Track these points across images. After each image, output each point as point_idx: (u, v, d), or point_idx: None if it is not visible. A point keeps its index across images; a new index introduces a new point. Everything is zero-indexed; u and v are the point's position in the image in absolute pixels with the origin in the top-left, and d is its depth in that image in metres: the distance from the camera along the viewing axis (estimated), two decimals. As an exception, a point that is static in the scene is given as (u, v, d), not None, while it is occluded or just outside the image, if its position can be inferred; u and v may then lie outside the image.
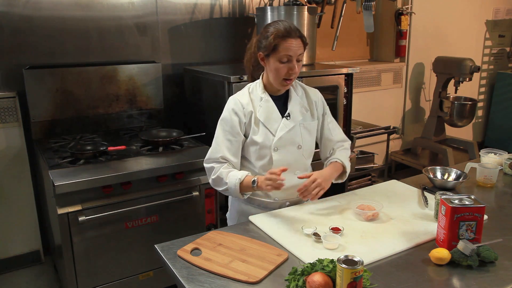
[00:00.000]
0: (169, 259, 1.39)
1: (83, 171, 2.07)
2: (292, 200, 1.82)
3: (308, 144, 1.82)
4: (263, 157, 1.76)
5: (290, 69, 1.66)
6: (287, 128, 1.75)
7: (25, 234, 2.78)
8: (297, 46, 1.65)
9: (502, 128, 5.04)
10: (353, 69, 2.92)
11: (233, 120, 1.74)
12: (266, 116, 1.75)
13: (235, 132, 1.74)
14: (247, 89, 1.81)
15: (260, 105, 1.75)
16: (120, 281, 2.21)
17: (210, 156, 1.78)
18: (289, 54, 1.65)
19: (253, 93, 1.78)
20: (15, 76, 2.57)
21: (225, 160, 1.75)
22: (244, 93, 1.79)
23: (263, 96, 1.76)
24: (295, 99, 1.80)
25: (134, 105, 2.90)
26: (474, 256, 1.31)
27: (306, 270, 1.20)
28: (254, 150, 1.77)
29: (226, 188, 1.72)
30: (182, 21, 3.05)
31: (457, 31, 4.68)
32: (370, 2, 3.07)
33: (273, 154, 1.75)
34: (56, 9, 2.63)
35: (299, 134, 1.78)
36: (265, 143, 1.74)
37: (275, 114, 1.76)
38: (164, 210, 2.24)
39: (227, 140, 1.75)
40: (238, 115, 1.74)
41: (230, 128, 1.74)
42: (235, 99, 1.77)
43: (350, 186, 3.48)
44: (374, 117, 4.06)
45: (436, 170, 2.03)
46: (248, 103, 1.75)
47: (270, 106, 1.76)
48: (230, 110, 1.75)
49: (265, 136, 1.74)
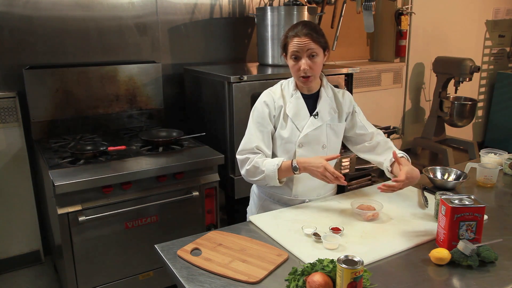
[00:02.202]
0: (169, 259, 1.39)
1: (83, 171, 2.07)
2: (312, 198, 1.84)
3: (333, 145, 1.85)
4: (288, 152, 1.80)
5: (299, 66, 1.70)
6: (314, 126, 1.78)
7: (25, 234, 2.78)
8: (303, 43, 1.68)
9: (502, 128, 5.04)
10: (353, 69, 2.92)
11: (264, 111, 1.79)
12: (294, 112, 1.78)
13: (265, 123, 1.79)
14: (280, 85, 1.85)
15: (290, 101, 1.79)
16: (120, 281, 2.21)
17: (244, 147, 1.80)
18: (295, 50, 1.69)
19: (285, 90, 1.83)
20: (15, 76, 2.57)
21: (259, 150, 1.78)
22: (277, 88, 1.84)
23: (294, 93, 1.80)
24: (324, 100, 1.83)
25: (134, 105, 2.90)
26: (474, 256, 1.31)
27: (306, 270, 1.20)
28: (279, 144, 1.81)
29: (263, 176, 1.73)
30: (182, 21, 3.05)
31: (457, 31, 4.68)
32: (370, 2, 3.07)
33: (297, 150, 1.78)
34: (56, 9, 2.63)
35: (325, 134, 1.81)
36: (290, 138, 1.78)
37: (304, 112, 1.79)
38: (164, 210, 2.24)
39: (259, 131, 1.79)
40: (269, 107, 1.79)
41: (261, 119, 1.79)
42: (268, 92, 1.83)
43: (350, 186, 3.48)
44: (374, 117, 4.05)
45: (436, 170, 2.03)
46: (279, 97, 1.80)
47: (299, 103, 1.79)
48: (262, 102, 1.80)
49: (292, 131, 1.78)
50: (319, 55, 1.72)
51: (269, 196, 1.89)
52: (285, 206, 1.82)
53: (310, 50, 1.69)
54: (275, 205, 1.87)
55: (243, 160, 1.79)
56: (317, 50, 1.70)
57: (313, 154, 1.79)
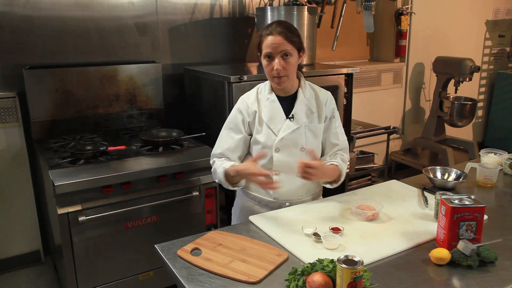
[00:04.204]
0: (169, 259, 1.39)
1: (83, 171, 2.07)
2: (293, 201, 1.82)
3: (313, 146, 1.80)
4: (265, 156, 1.76)
5: (273, 66, 1.67)
6: (290, 129, 1.75)
7: (25, 234, 2.78)
8: (277, 42, 1.65)
9: (502, 128, 5.04)
10: (353, 69, 2.92)
11: (237, 118, 1.79)
12: (270, 116, 1.76)
13: (237, 130, 1.79)
14: (256, 88, 1.84)
15: (265, 105, 1.77)
16: (120, 281, 2.21)
17: (213, 153, 1.85)
18: (268, 51, 1.66)
19: (261, 93, 1.81)
20: (15, 76, 2.57)
21: (223, 155, 1.80)
22: (252, 93, 1.83)
23: (269, 96, 1.78)
24: (301, 101, 1.78)
25: (134, 105, 2.90)
26: (474, 256, 1.30)
27: (306, 270, 1.20)
28: (256, 149, 1.79)
29: (219, 179, 1.77)
30: (182, 21, 3.05)
31: (457, 31, 4.68)
32: (370, 2, 3.07)
33: (274, 155, 1.75)
34: (56, 9, 2.63)
35: (303, 136, 1.77)
36: (267, 143, 1.75)
37: (280, 115, 1.76)
38: (164, 210, 2.24)
39: (229, 137, 1.80)
40: (242, 114, 1.79)
41: (233, 125, 1.80)
42: (242, 98, 1.82)
43: (350, 186, 3.48)
44: (374, 117, 4.06)
45: (436, 170, 2.03)
46: (253, 102, 1.78)
47: (275, 107, 1.77)
48: (236, 109, 1.82)
49: (268, 136, 1.75)
50: (293, 55, 1.68)
51: (252, 198, 1.87)
52: (267, 208, 1.81)
53: (284, 50, 1.65)
54: (256, 206, 1.85)
55: (212, 164, 1.84)
56: (291, 50, 1.67)
57: (291, 158, 1.74)
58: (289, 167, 1.74)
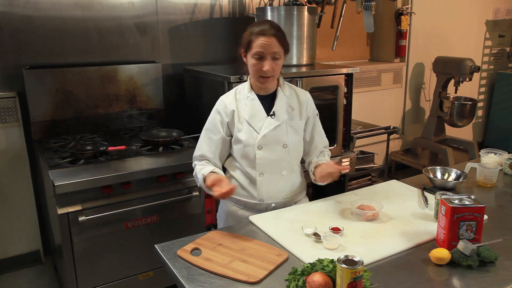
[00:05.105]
0: (169, 259, 1.39)
1: (83, 171, 2.07)
2: (278, 202, 1.80)
3: (294, 143, 1.80)
4: (248, 156, 1.76)
5: (262, 66, 1.67)
6: (271, 126, 1.74)
7: (25, 234, 2.78)
8: (270, 44, 1.65)
9: (502, 128, 5.04)
10: (353, 69, 2.92)
11: (215, 119, 1.80)
12: (251, 114, 1.76)
13: (215, 131, 1.79)
14: (235, 89, 1.83)
15: (245, 104, 1.77)
16: (120, 281, 2.21)
17: (194, 156, 1.85)
18: (260, 51, 1.66)
19: (240, 93, 1.80)
20: (15, 76, 2.57)
21: (203, 157, 1.80)
22: (231, 93, 1.82)
23: (249, 95, 1.78)
24: (281, 98, 1.79)
25: (134, 105, 2.90)
26: (474, 256, 1.31)
27: (306, 270, 1.20)
28: (238, 148, 1.78)
29: (199, 184, 1.77)
30: (182, 21, 3.05)
31: (457, 31, 4.68)
32: (370, 2, 3.06)
33: (256, 152, 1.74)
34: (56, 9, 2.63)
35: (285, 133, 1.77)
36: (249, 141, 1.74)
37: (260, 113, 1.76)
38: (164, 210, 2.24)
39: (208, 138, 1.81)
40: (220, 114, 1.78)
41: (212, 127, 1.80)
42: (221, 99, 1.83)
43: (350, 186, 3.48)
44: (374, 117, 4.05)
45: (436, 170, 2.03)
46: (231, 102, 1.78)
47: (255, 105, 1.76)
48: (214, 110, 1.82)
49: (249, 134, 1.75)
50: (281, 58, 1.70)
51: (236, 202, 1.84)
52: (252, 211, 1.78)
53: (275, 52, 1.67)
54: (241, 210, 1.82)
55: (193, 167, 1.83)
56: (280, 52, 1.69)
57: (274, 155, 1.75)
58: (272, 165, 1.76)
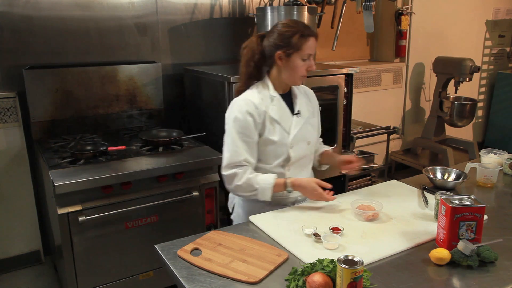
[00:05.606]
0: (169, 259, 1.39)
1: (83, 171, 2.07)
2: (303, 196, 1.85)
3: (314, 139, 1.91)
4: (280, 155, 1.79)
5: (309, 66, 1.74)
6: (299, 125, 1.81)
7: (25, 234, 2.78)
8: (315, 44, 1.73)
9: (502, 128, 5.04)
10: (353, 69, 2.92)
11: (248, 121, 1.72)
12: (280, 114, 1.78)
13: (251, 133, 1.74)
14: (255, 89, 1.79)
15: (273, 104, 1.77)
16: (120, 281, 2.21)
17: (230, 161, 1.74)
18: (310, 52, 1.72)
19: (262, 93, 1.78)
20: (15, 76, 2.57)
21: (247, 162, 1.74)
22: (253, 94, 1.77)
23: (275, 95, 1.78)
24: (300, 97, 1.86)
25: (134, 105, 2.90)
26: (474, 256, 1.30)
27: (306, 270, 1.20)
28: (271, 149, 1.78)
29: (256, 193, 1.73)
30: (182, 21, 3.05)
31: (457, 31, 4.68)
32: (370, 2, 3.07)
33: (290, 151, 1.79)
34: (56, 9, 2.63)
35: (308, 131, 1.86)
36: (281, 141, 1.78)
37: (287, 112, 1.81)
38: (164, 210, 2.24)
39: (244, 142, 1.73)
40: (252, 116, 1.73)
41: (245, 130, 1.73)
42: (246, 100, 1.75)
43: (350, 186, 3.48)
44: (374, 117, 4.06)
45: (436, 170, 2.02)
46: (260, 103, 1.75)
47: (282, 105, 1.80)
48: (244, 112, 1.72)
49: (281, 134, 1.78)
50: None
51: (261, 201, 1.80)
52: (279, 206, 1.79)
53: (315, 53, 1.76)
54: (268, 206, 1.80)
55: (231, 175, 1.74)
56: None
57: (301, 152, 1.83)
58: (299, 162, 1.84)
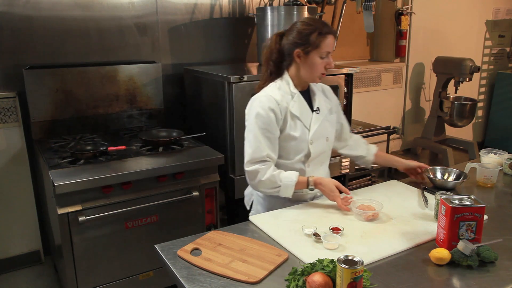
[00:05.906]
0: (169, 259, 1.39)
1: (83, 171, 2.07)
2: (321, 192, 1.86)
3: (332, 136, 1.94)
4: (300, 151, 1.82)
5: (328, 64, 1.76)
6: (318, 121, 1.84)
7: (25, 234, 2.78)
8: (333, 42, 1.76)
9: (502, 128, 5.04)
10: (353, 69, 2.93)
11: (270, 117, 1.75)
12: (300, 111, 1.81)
13: (273, 129, 1.76)
14: (275, 86, 1.81)
15: (294, 101, 1.80)
16: (120, 281, 2.21)
17: (253, 157, 1.76)
18: (329, 50, 1.74)
19: (282, 89, 1.81)
20: (15, 76, 2.57)
21: (269, 158, 1.77)
22: (274, 90, 1.80)
23: (295, 91, 1.81)
24: (318, 94, 1.90)
25: (134, 105, 2.90)
26: (474, 256, 1.30)
27: (306, 270, 1.20)
28: (292, 145, 1.81)
29: (278, 189, 1.75)
30: (182, 21, 3.05)
31: (457, 31, 4.68)
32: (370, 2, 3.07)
33: (310, 147, 1.82)
34: (56, 9, 2.63)
35: (327, 127, 1.89)
36: (302, 137, 1.81)
37: (307, 109, 1.84)
38: (164, 210, 2.24)
39: (266, 138, 1.76)
40: (274, 112, 1.75)
41: (268, 126, 1.75)
42: (268, 96, 1.77)
43: (350, 186, 3.48)
44: (374, 117, 4.06)
45: (436, 170, 2.02)
46: (281, 99, 1.78)
47: (302, 101, 1.83)
48: (266, 108, 1.75)
49: (302, 130, 1.81)
50: None
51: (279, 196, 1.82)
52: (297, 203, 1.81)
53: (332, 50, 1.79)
54: (288, 202, 1.82)
55: (254, 171, 1.75)
56: None
57: (321, 148, 1.86)
58: (318, 158, 1.87)
